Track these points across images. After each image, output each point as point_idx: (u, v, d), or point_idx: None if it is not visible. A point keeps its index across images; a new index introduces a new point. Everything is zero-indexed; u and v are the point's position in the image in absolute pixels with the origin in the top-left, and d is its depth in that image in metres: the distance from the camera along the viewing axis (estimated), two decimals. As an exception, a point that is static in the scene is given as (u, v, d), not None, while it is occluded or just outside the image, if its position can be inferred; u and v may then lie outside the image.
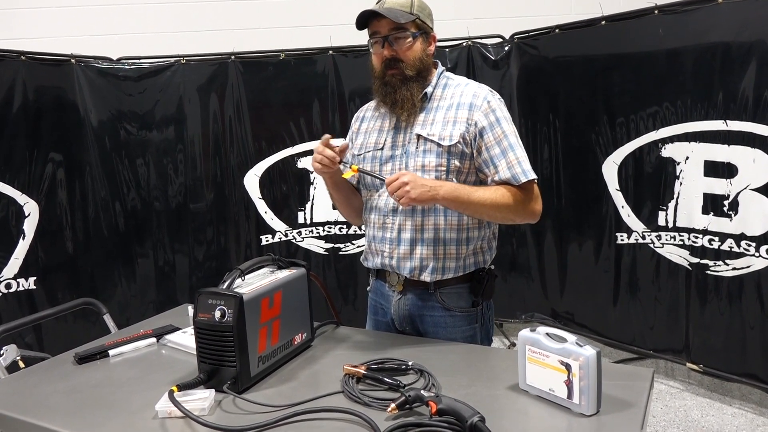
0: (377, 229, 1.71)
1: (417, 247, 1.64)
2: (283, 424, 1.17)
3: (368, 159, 1.72)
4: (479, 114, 1.60)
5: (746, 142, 2.66)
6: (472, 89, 1.65)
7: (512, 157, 1.59)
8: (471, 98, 1.62)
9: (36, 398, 1.36)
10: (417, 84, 1.63)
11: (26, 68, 3.17)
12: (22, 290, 3.19)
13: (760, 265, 2.69)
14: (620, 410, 1.17)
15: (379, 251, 1.71)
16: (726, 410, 2.93)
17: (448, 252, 1.64)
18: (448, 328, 1.67)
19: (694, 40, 2.80)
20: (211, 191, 3.69)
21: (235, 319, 1.28)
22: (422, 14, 1.62)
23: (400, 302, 1.71)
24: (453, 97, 1.65)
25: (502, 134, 1.60)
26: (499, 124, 1.60)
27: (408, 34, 1.60)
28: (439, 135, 1.60)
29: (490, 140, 1.59)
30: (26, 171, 3.18)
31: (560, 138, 3.50)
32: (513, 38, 3.65)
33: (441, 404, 1.13)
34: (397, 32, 1.59)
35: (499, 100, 1.65)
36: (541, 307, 3.80)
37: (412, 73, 1.62)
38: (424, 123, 1.64)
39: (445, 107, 1.64)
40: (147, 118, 3.58)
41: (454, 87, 1.68)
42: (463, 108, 1.62)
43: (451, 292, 1.67)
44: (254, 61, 3.62)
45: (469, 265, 1.68)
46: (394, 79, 1.62)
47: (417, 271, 1.65)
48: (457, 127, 1.60)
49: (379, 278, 1.78)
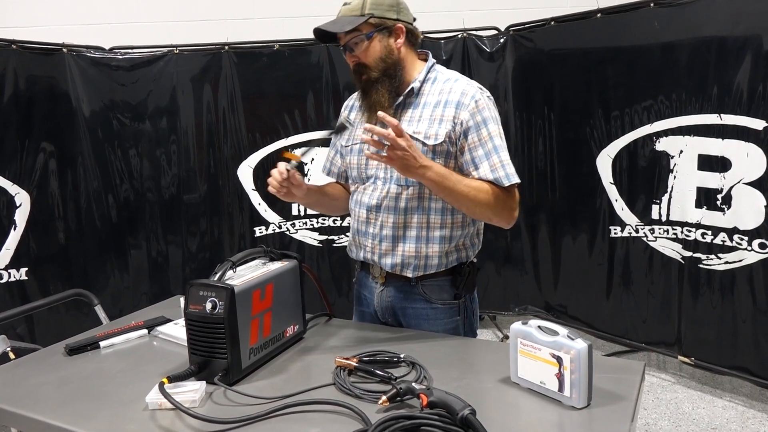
0: (361, 223, 1.70)
1: (399, 245, 1.63)
2: (274, 416, 1.16)
3: (355, 151, 1.71)
4: (466, 113, 1.55)
5: (740, 136, 2.67)
6: (461, 86, 1.59)
7: (496, 159, 1.55)
8: (459, 96, 1.57)
9: (26, 389, 1.35)
10: (386, 85, 1.59)
11: (17, 57, 3.13)
12: (14, 281, 3.17)
13: (753, 259, 2.70)
14: (611, 403, 1.18)
15: (362, 245, 1.71)
16: (717, 403, 2.95)
17: (431, 250, 1.62)
18: (430, 320, 1.67)
19: (689, 33, 2.79)
20: (204, 182, 3.67)
21: (227, 311, 1.28)
22: (378, 10, 1.56)
23: (382, 294, 1.71)
24: (441, 93, 1.60)
25: (487, 136, 1.55)
26: (486, 125, 1.56)
27: (361, 37, 1.56)
28: (425, 133, 1.58)
29: (474, 141, 1.55)
30: (17, 161, 3.15)
31: (555, 131, 3.50)
32: (508, 30, 3.64)
33: (432, 397, 1.13)
34: (351, 38, 1.57)
35: (488, 98, 1.60)
36: (534, 300, 3.81)
37: (377, 75, 1.58)
38: (410, 119, 1.61)
39: (433, 104, 1.60)
40: (140, 108, 3.55)
41: (443, 82, 1.63)
42: (450, 106, 1.57)
43: (433, 284, 1.66)
44: (248, 52, 3.60)
45: (452, 261, 1.66)
46: (365, 85, 1.61)
47: (399, 267, 1.64)
48: (443, 126, 1.57)
49: (363, 269, 1.78)
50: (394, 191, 1.61)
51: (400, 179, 1.59)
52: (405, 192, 1.61)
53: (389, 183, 1.62)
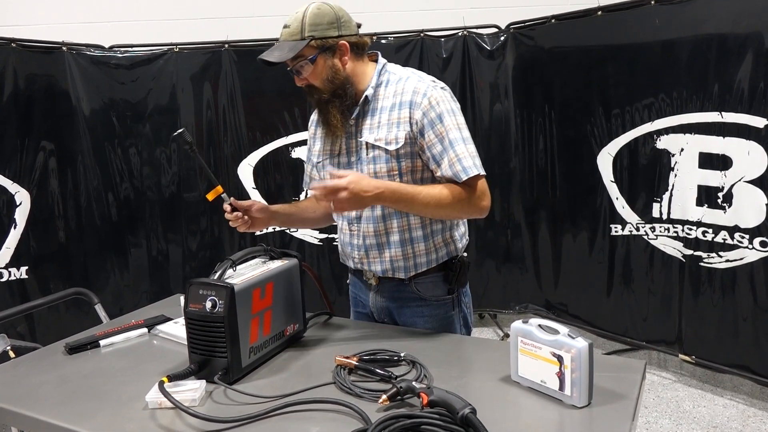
0: (345, 234, 1.71)
1: (385, 251, 1.63)
2: (274, 415, 1.16)
3: (327, 166, 1.69)
4: (419, 112, 1.53)
5: (741, 134, 2.66)
6: (412, 85, 1.56)
7: (452, 155, 1.52)
8: (411, 95, 1.55)
9: (26, 388, 1.35)
10: (336, 105, 1.58)
11: (17, 55, 3.13)
12: (14, 280, 3.17)
13: (754, 257, 2.70)
14: (612, 402, 1.17)
15: (350, 255, 1.72)
16: (717, 401, 2.94)
17: (417, 250, 1.63)
18: (425, 317, 1.67)
19: (690, 31, 2.78)
20: (204, 181, 3.66)
21: (227, 310, 1.28)
22: (318, 31, 1.52)
23: (377, 295, 1.71)
24: (395, 95, 1.58)
25: (443, 131, 1.53)
26: (441, 120, 1.53)
27: (306, 61, 1.54)
28: (385, 139, 1.56)
29: (431, 138, 1.53)
30: (17, 159, 3.15)
31: (555, 129, 3.49)
32: (509, 28, 3.63)
33: (432, 396, 1.12)
34: (296, 63, 1.56)
35: (441, 90, 1.57)
36: (535, 298, 3.80)
37: (327, 96, 1.57)
38: (371, 128, 1.60)
39: (389, 107, 1.58)
40: (140, 106, 3.55)
41: (395, 83, 1.60)
42: (404, 107, 1.55)
43: (425, 281, 1.66)
44: (248, 50, 3.59)
45: (442, 256, 1.66)
46: (318, 105, 1.60)
47: (389, 271, 1.65)
48: (401, 128, 1.55)
49: (356, 272, 1.78)
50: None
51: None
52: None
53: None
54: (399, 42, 3.63)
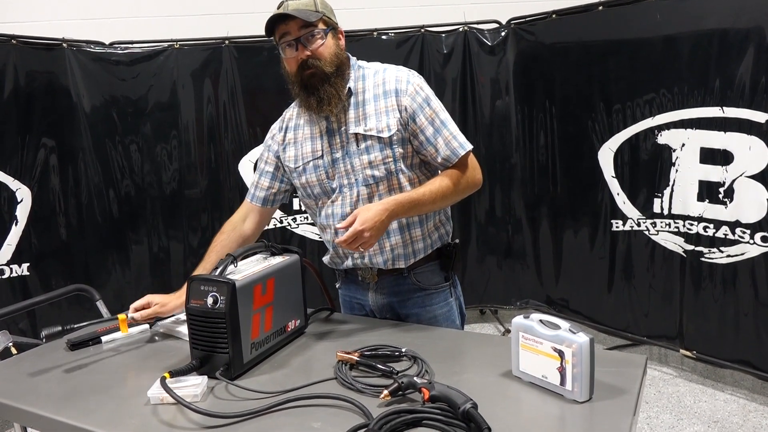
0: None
1: (386, 241, 1.64)
2: (276, 410, 1.16)
3: (309, 170, 1.66)
4: (407, 98, 1.58)
5: (742, 129, 2.65)
6: (393, 74, 1.62)
7: (447, 133, 1.60)
8: (395, 84, 1.60)
9: (28, 384, 1.35)
10: (339, 79, 1.59)
11: (17, 52, 3.13)
12: (16, 276, 3.18)
13: (755, 252, 2.70)
14: (613, 397, 1.17)
15: (347, 254, 1.70)
16: (718, 396, 2.95)
17: (414, 235, 1.65)
18: (426, 307, 1.70)
19: (691, 26, 2.77)
20: (205, 177, 3.66)
21: (228, 306, 1.28)
22: (327, 11, 1.60)
23: (377, 293, 1.71)
24: (377, 87, 1.62)
25: (432, 113, 1.60)
26: (429, 103, 1.60)
27: (320, 31, 1.56)
28: (377, 128, 1.58)
29: (422, 122, 1.59)
30: (18, 156, 3.15)
31: (556, 124, 3.48)
32: (510, 23, 3.63)
33: (434, 391, 1.12)
34: (307, 32, 1.55)
35: (419, 77, 1.64)
36: (536, 294, 3.80)
37: (332, 69, 1.57)
38: (357, 120, 1.61)
39: (372, 98, 1.61)
40: (140, 103, 3.54)
41: (373, 76, 1.64)
42: (390, 95, 1.60)
43: (424, 271, 1.69)
44: (249, 46, 3.58)
45: (435, 241, 1.70)
46: (313, 80, 1.57)
47: (390, 262, 1.66)
48: (391, 116, 1.58)
49: (349, 276, 1.77)
50: (365, 192, 1.61)
51: (367, 179, 1.60)
52: (376, 190, 1.61)
53: (357, 187, 1.61)
54: (399, 38, 3.62)
